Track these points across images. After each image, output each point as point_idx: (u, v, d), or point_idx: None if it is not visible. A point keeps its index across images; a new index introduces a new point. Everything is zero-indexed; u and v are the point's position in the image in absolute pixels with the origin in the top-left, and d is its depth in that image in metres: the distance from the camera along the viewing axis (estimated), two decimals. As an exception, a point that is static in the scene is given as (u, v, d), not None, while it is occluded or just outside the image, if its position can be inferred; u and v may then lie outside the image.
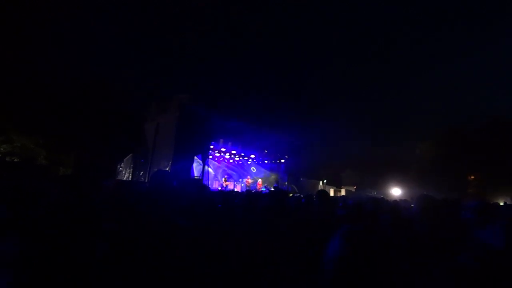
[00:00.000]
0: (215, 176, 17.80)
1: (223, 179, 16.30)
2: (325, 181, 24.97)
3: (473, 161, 22.54)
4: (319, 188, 22.90)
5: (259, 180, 18.18)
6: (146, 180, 12.47)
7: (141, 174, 13.68)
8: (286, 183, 18.39)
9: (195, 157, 13.23)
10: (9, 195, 2.14)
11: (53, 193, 2.58)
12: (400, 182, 25.51)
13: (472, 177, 23.93)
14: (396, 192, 23.95)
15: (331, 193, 21.57)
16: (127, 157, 15.31)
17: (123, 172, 15.24)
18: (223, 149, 17.43)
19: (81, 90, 17.67)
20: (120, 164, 15.73)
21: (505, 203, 13.74)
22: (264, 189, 16.11)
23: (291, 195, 10.07)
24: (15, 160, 14.86)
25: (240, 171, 19.75)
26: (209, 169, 15.86)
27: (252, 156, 19.48)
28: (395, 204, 5.14)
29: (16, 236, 1.41)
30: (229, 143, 17.09)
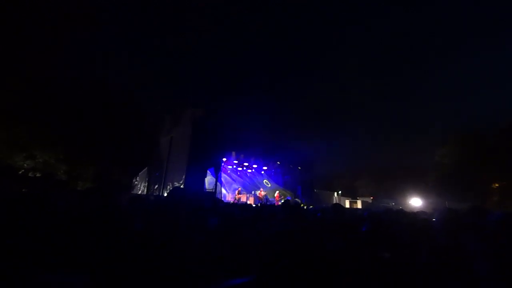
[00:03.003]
0: (228, 188, 17.79)
1: (236, 191, 16.26)
2: (340, 192, 24.38)
3: (497, 167, 21.43)
4: (334, 200, 22.39)
5: (277, 192, 17.90)
6: (160, 194, 12.65)
7: (155, 187, 13.90)
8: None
9: (208, 170, 13.33)
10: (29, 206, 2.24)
11: (70, 205, 2.67)
12: (419, 191, 24.53)
13: (496, 184, 22.67)
14: (415, 202, 22.99)
15: (347, 205, 21.00)
16: (143, 171, 15.64)
17: (139, 185, 15.54)
18: (235, 161, 17.50)
19: (99, 106, 18.40)
20: (136, 178, 16.07)
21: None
22: (283, 201, 15.89)
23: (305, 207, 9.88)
24: (37, 175, 15.50)
25: (252, 183, 19.67)
26: (222, 182, 15.91)
27: (265, 168, 19.42)
28: (414, 216, 4.94)
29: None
30: (241, 155, 17.16)
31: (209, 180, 14.12)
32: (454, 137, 25.52)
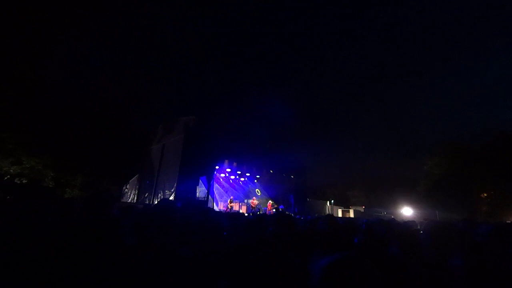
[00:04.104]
0: (221, 197, 17.61)
1: (229, 200, 16.08)
2: (332, 201, 24.41)
3: (485, 178, 21.91)
4: (327, 209, 22.37)
5: (269, 202, 17.81)
6: (151, 202, 12.42)
7: (146, 195, 13.64)
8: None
9: (200, 179, 13.19)
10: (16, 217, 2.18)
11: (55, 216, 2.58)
12: (410, 201, 24.82)
13: (485, 194, 23.12)
14: (406, 211, 23.21)
15: (339, 214, 21.02)
16: (133, 178, 15.36)
17: (129, 193, 15.23)
18: (228, 170, 17.39)
19: (90, 113, 18.16)
20: (126, 185, 15.76)
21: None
22: (274, 210, 15.80)
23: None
24: (24, 181, 15.05)
25: (245, 192, 19.54)
26: (214, 190, 15.74)
27: (258, 176, 19.34)
28: (406, 226, 4.96)
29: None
30: (234, 164, 17.07)
31: (200, 188, 13.97)
32: (444, 148, 26.08)
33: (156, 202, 11.98)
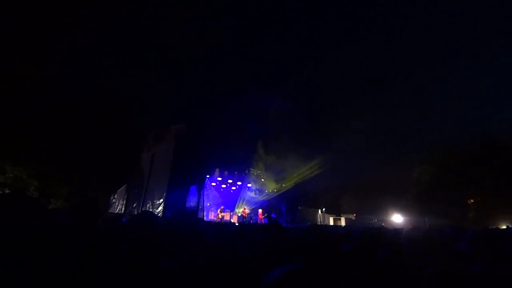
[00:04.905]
0: (211, 206, 17.37)
1: (219, 210, 15.87)
2: (323, 209, 24.44)
3: (472, 184, 22.38)
4: (318, 217, 22.37)
5: (260, 210, 17.68)
6: (139, 212, 12.15)
7: (134, 205, 13.34)
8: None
9: (190, 188, 13.02)
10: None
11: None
12: (400, 208, 25.09)
13: (472, 200, 23.59)
14: (396, 218, 23.45)
15: (331, 222, 21.06)
16: (121, 188, 15.04)
17: (116, 203, 14.88)
18: (219, 178, 17.24)
19: (76, 120, 17.81)
20: (114, 195, 15.40)
21: (507, 227, 13.43)
22: (266, 219, 15.68)
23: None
24: (6, 191, 14.50)
25: (236, 200, 19.36)
26: (205, 200, 15.53)
27: (249, 185, 19.24)
28: (395, 233, 5.00)
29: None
30: (226, 172, 16.96)
31: (191, 198, 13.77)
32: (431, 154, 26.65)
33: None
